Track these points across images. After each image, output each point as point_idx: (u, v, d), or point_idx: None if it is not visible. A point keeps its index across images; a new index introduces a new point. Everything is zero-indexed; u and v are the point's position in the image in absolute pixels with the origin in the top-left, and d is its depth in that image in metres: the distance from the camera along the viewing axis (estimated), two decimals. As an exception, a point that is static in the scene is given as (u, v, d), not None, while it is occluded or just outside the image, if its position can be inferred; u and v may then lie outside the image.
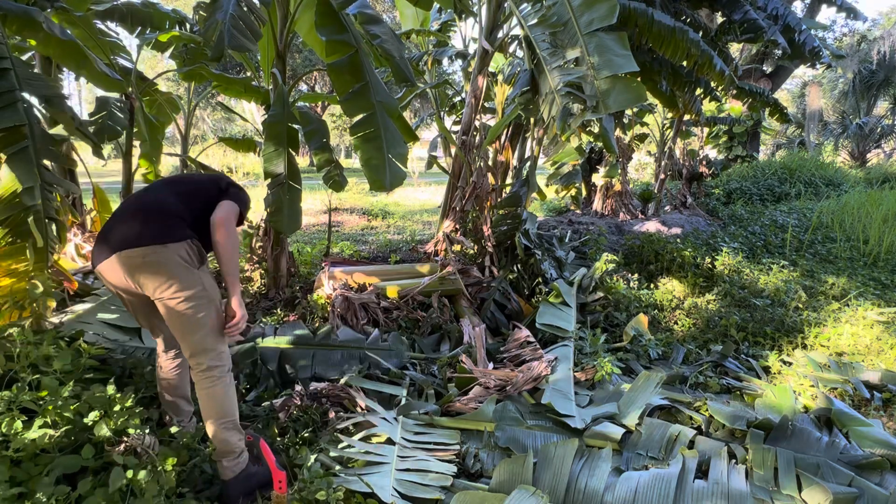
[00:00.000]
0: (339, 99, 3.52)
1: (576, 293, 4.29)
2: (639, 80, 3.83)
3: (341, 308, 3.59)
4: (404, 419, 2.56)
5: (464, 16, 5.75)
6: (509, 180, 5.10)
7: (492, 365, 3.18)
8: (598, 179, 9.00)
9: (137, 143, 4.17)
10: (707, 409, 2.76)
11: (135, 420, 1.92)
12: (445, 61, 7.73)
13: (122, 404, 1.96)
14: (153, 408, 2.30)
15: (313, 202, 10.54)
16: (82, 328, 2.65)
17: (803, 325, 4.06)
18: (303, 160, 20.97)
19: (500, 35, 4.88)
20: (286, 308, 3.92)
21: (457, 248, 4.67)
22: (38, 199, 2.44)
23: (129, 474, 1.70)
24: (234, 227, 2.03)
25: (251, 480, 2.00)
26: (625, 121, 7.94)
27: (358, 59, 3.47)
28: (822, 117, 26.69)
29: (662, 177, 9.22)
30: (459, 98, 7.65)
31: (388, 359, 3.16)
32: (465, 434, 2.52)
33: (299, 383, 2.80)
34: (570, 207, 9.64)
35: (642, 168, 15.28)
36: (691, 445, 2.46)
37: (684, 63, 4.80)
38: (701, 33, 4.80)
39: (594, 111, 3.28)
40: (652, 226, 7.43)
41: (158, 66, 21.93)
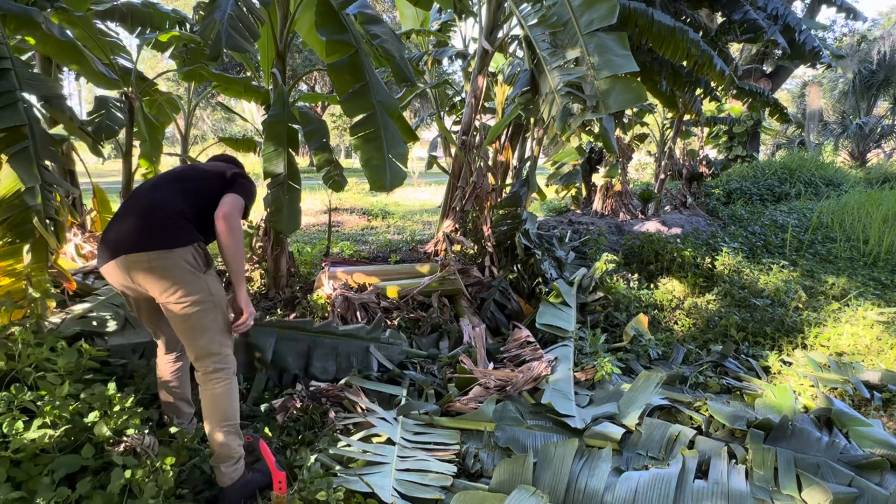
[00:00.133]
0: (339, 99, 3.52)
1: (576, 293, 4.29)
2: (639, 80, 3.83)
3: (341, 308, 3.59)
4: (404, 419, 2.56)
5: (464, 16, 5.75)
6: (509, 180, 5.10)
7: (492, 365, 3.18)
8: (598, 179, 9.00)
9: (137, 143, 4.17)
10: (707, 409, 2.76)
11: (135, 420, 1.92)
12: (445, 61, 7.73)
13: (122, 404, 1.96)
14: (153, 408, 2.30)
15: (313, 202, 10.54)
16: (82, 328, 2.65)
17: (803, 325, 4.06)
18: (303, 160, 20.98)
19: (500, 35, 4.88)
20: (286, 308, 3.92)
21: (457, 248, 4.67)
22: (39, 199, 2.44)
23: (128, 474, 1.70)
24: (239, 222, 2.00)
25: (248, 487, 2.00)
26: (625, 121, 7.94)
27: (358, 59, 3.47)
28: (822, 117, 26.69)
29: (662, 177, 9.22)
30: (459, 98, 7.65)
31: (387, 350, 3.13)
32: (465, 434, 2.52)
33: (300, 382, 2.80)
34: (570, 207, 9.64)
35: (642, 168, 15.28)
36: (691, 445, 2.46)
37: (684, 63, 4.81)
38: (701, 33, 4.81)
39: (594, 111, 3.28)
40: (652, 226, 7.43)
41: (158, 66, 21.93)
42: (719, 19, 6.95)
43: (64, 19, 3.49)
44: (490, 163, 4.88)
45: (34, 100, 2.69)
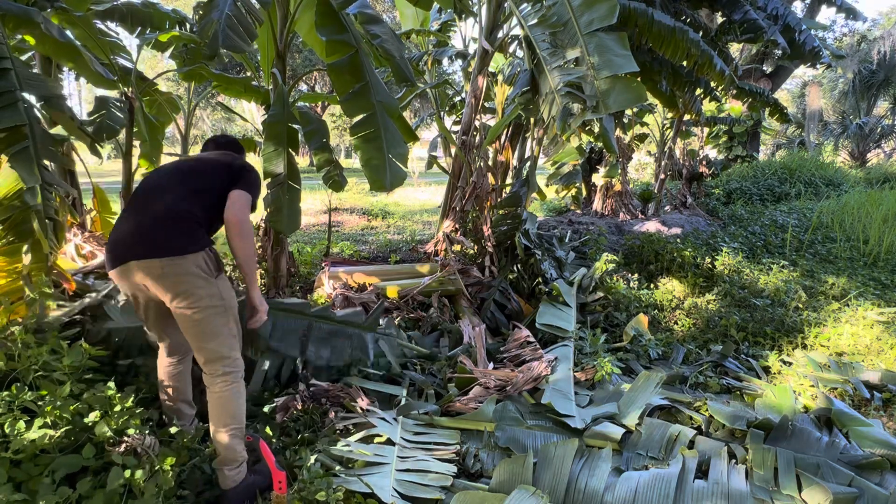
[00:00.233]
0: (339, 99, 3.52)
1: (576, 293, 4.29)
2: (639, 80, 3.82)
3: (341, 308, 3.59)
4: (404, 419, 2.55)
5: (464, 16, 5.75)
6: (509, 180, 5.09)
7: (492, 365, 3.18)
8: (598, 179, 9.00)
9: (137, 143, 4.17)
10: (707, 409, 2.76)
11: (135, 420, 1.92)
12: (445, 61, 7.73)
13: (122, 404, 1.96)
14: (153, 408, 2.29)
15: (313, 202, 10.54)
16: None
17: (803, 325, 4.06)
18: (303, 160, 20.99)
19: (500, 35, 4.88)
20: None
21: (457, 248, 4.67)
22: (39, 199, 2.44)
23: (128, 474, 1.70)
24: (249, 223, 2.02)
25: (250, 490, 2.00)
26: (625, 121, 7.94)
27: (358, 59, 3.47)
28: (822, 117, 26.69)
29: (662, 177, 9.22)
30: (459, 98, 7.65)
31: (385, 341, 3.10)
32: (465, 434, 2.52)
33: (301, 382, 2.79)
34: (570, 207, 9.64)
35: (642, 168, 15.28)
36: (691, 445, 2.46)
37: (684, 63, 4.80)
38: (701, 33, 4.81)
39: (594, 111, 3.28)
40: (652, 226, 7.43)
41: (158, 66, 21.94)
42: (719, 19, 6.95)
43: (64, 19, 3.49)
44: (490, 163, 4.88)
45: (34, 100, 2.69)
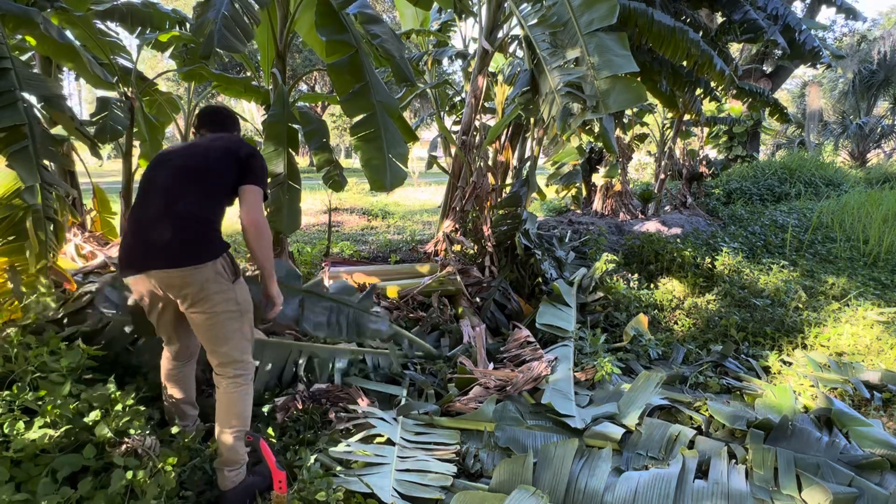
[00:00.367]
0: (340, 99, 3.52)
1: (576, 293, 4.29)
2: (639, 80, 3.82)
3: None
4: (404, 419, 2.55)
5: (464, 16, 5.75)
6: (509, 180, 5.09)
7: (492, 365, 3.18)
8: (598, 179, 9.00)
9: (137, 143, 4.17)
10: (707, 409, 2.76)
11: (136, 420, 1.92)
12: (445, 61, 7.73)
13: (123, 402, 1.96)
14: (154, 407, 2.29)
15: (313, 202, 10.54)
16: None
17: (803, 325, 4.06)
18: (303, 160, 20.98)
19: (500, 35, 4.88)
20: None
21: (457, 248, 4.67)
22: (39, 199, 2.44)
23: (129, 475, 1.70)
24: (265, 221, 2.02)
25: (249, 491, 2.01)
26: (625, 121, 7.94)
27: (358, 59, 3.47)
28: (822, 117, 26.69)
29: (662, 177, 9.22)
30: (459, 98, 7.65)
31: (376, 324, 3.08)
32: (465, 434, 2.52)
33: (301, 382, 2.80)
34: (570, 207, 9.64)
35: (642, 168, 15.28)
36: (691, 445, 2.45)
37: (684, 63, 4.81)
38: (701, 33, 4.81)
39: (594, 111, 3.28)
40: (652, 226, 7.43)
41: (158, 66, 21.94)
42: (719, 19, 6.95)
43: (64, 19, 3.49)
44: (490, 163, 4.88)
45: (34, 100, 2.69)
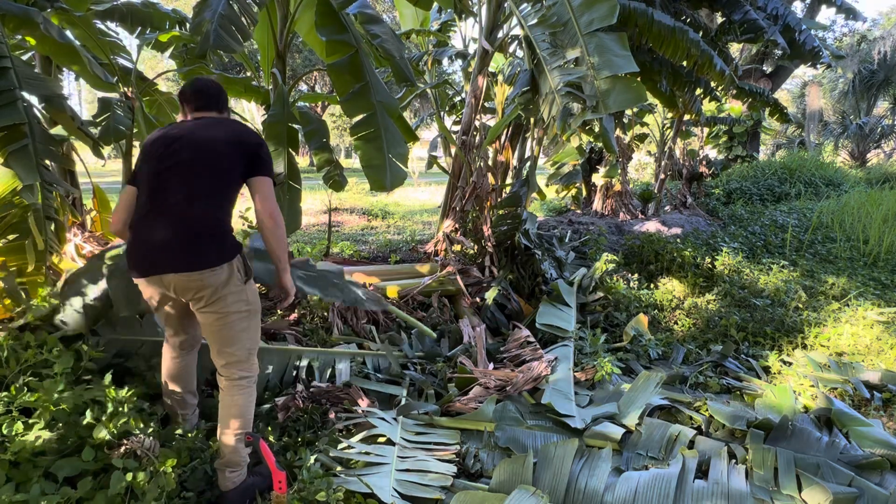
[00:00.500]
0: (340, 99, 3.52)
1: (576, 293, 4.29)
2: (639, 80, 3.83)
3: (341, 307, 3.59)
4: (404, 419, 2.55)
5: (464, 16, 5.75)
6: (509, 180, 5.09)
7: (492, 365, 3.17)
8: (598, 179, 8.99)
9: (137, 143, 4.17)
10: (707, 409, 2.76)
11: (136, 421, 1.92)
12: (445, 61, 7.73)
13: (122, 399, 1.96)
14: (154, 407, 2.29)
15: (313, 202, 10.54)
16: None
17: (803, 325, 4.06)
18: (303, 160, 20.97)
19: (500, 35, 4.88)
20: (286, 308, 3.92)
21: (457, 248, 4.67)
22: (39, 198, 2.44)
23: (129, 477, 1.70)
24: (279, 213, 2.01)
25: (249, 491, 2.01)
26: (625, 121, 7.94)
27: (358, 59, 3.47)
28: (822, 117, 26.69)
29: (662, 177, 9.22)
30: (459, 98, 7.65)
31: (352, 294, 3.05)
32: (465, 434, 2.52)
33: (300, 382, 2.80)
34: (570, 207, 9.64)
35: (642, 168, 15.28)
36: (691, 445, 2.46)
37: (684, 63, 4.80)
38: (701, 33, 4.81)
39: (594, 111, 3.28)
40: (652, 226, 7.43)
41: (158, 66, 21.94)
42: (719, 19, 6.95)
43: (64, 19, 3.49)
44: (490, 163, 4.88)
45: (35, 100, 2.69)
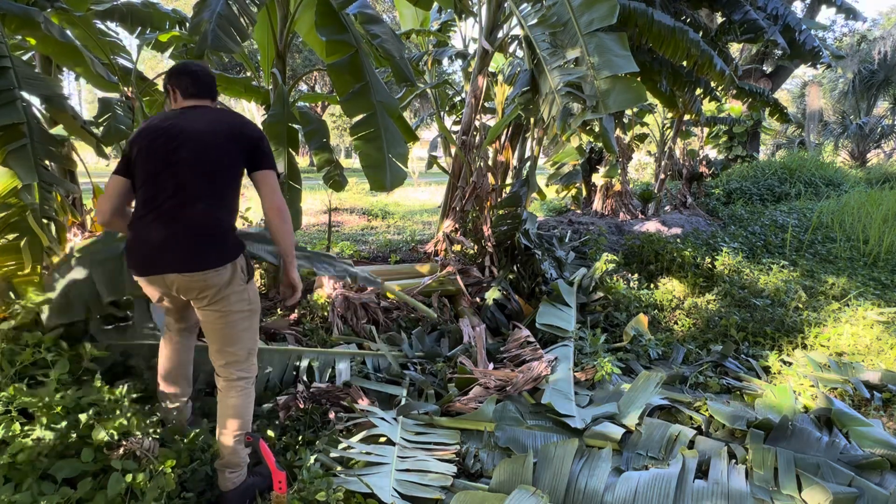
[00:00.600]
0: (340, 99, 3.52)
1: (576, 293, 4.29)
2: (639, 80, 3.83)
3: (341, 307, 3.59)
4: (404, 419, 2.55)
5: (464, 16, 5.75)
6: (509, 180, 5.09)
7: (492, 365, 3.18)
8: (598, 179, 8.99)
9: (137, 143, 4.17)
10: (707, 409, 2.76)
11: (135, 421, 1.92)
12: (445, 61, 7.73)
13: (119, 398, 1.96)
14: (154, 406, 2.29)
15: (313, 202, 10.54)
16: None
17: (803, 325, 4.06)
18: (303, 160, 20.98)
19: (500, 35, 4.88)
20: (286, 308, 3.92)
21: (457, 248, 4.68)
22: (38, 198, 2.44)
23: (129, 478, 1.70)
24: (286, 206, 2.01)
25: (249, 491, 2.01)
26: (625, 121, 7.94)
27: (358, 59, 3.47)
28: (822, 117, 26.69)
29: (662, 177, 9.22)
30: (459, 98, 7.65)
31: (338, 266, 3.04)
32: (465, 434, 2.52)
33: (300, 382, 2.80)
34: (570, 207, 9.64)
35: (642, 168, 15.28)
36: (691, 445, 2.45)
37: (684, 63, 4.81)
38: (701, 33, 4.81)
39: (594, 111, 3.28)
40: (652, 226, 7.43)
41: (158, 66, 21.93)
42: (719, 19, 6.95)
43: (64, 19, 3.49)
44: (490, 163, 4.88)
45: (36, 100, 2.69)
